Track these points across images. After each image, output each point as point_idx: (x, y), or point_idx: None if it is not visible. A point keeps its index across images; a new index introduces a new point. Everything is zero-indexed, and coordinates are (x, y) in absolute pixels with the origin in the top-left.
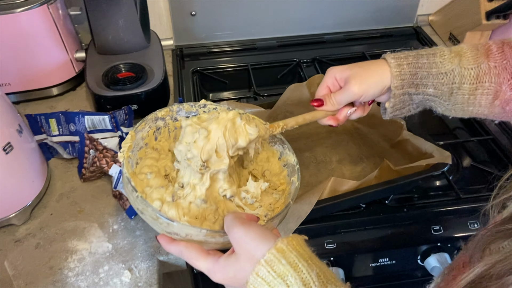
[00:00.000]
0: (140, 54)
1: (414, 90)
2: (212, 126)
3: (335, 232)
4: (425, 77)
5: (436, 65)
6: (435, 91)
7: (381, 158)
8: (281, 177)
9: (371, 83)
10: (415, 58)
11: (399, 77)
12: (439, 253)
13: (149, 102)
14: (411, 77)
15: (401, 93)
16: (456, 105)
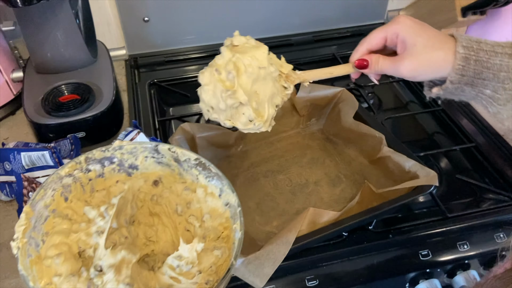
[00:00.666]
0: (86, 71)
1: (470, 88)
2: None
3: (317, 265)
4: (490, 78)
5: (508, 68)
6: (493, 94)
7: (360, 176)
8: (223, 219)
9: (426, 71)
10: (488, 55)
11: (460, 72)
12: (429, 280)
13: (99, 127)
14: (474, 75)
15: (455, 87)
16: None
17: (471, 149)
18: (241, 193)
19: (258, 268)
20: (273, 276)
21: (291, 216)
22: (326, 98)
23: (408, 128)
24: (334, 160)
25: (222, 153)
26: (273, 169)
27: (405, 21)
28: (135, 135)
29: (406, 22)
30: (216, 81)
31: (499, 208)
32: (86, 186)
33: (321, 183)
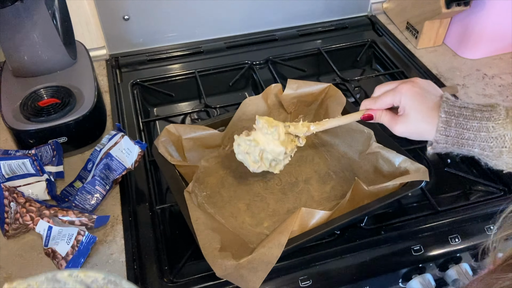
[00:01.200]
0: (66, 73)
1: (457, 148)
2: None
3: (309, 265)
4: (472, 138)
5: (487, 129)
6: (481, 151)
7: (350, 172)
8: None
9: (413, 136)
10: (466, 119)
11: (443, 132)
12: (422, 275)
13: (81, 131)
14: (457, 136)
15: (442, 147)
16: (508, 164)
17: None
18: (231, 194)
19: (251, 272)
20: (266, 278)
21: (282, 216)
22: (313, 95)
23: None
24: (323, 157)
25: (210, 153)
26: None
27: (408, 93)
28: (119, 139)
29: (408, 94)
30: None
31: (488, 200)
32: None
33: (311, 181)
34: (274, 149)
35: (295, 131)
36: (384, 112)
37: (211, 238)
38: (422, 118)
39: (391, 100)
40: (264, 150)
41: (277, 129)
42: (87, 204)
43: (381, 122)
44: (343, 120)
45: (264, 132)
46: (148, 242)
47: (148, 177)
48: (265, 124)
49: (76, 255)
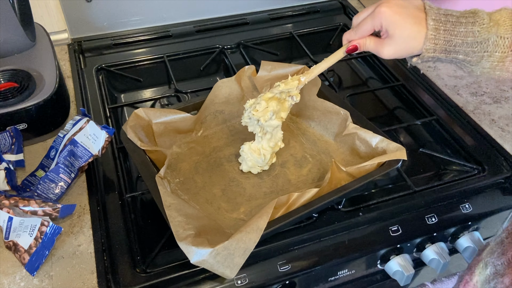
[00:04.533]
0: (24, 56)
1: (444, 56)
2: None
3: (288, 250)
4: (459, 44)
5: (474, 34)
6: (464, 57)
7: (326, 155)
8: None
9: (402, 54)
10: (453, 25)
11: (433, 41)
12: (400, 255)
13: (43, 117)
14: (445, 43)
15: (431, 56)
16: (483, 69)
17: (432, 122)
18: (205, 180)
19: (227, 258)
20: (243, 264)
21: (259, 201)
22: (287, 76)
23: (370, 104)
24: (299, 140)
25: (182, 139)
26: (236, 153)
27: (386, 14)
28: (84, 124)
29: (386, 15)
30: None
31: (462, 179)
32: None
33: (287, 164)
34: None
35: (286, 87)
36: (368, 39)
37: (185, 224)
38: (409, 34)
39: (371, 25)
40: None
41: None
42: (51, 194)
43: (367, 50)
44: (330, 61)
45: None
46: (119, 232)
47: (117, 165)
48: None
49: (40, 247)
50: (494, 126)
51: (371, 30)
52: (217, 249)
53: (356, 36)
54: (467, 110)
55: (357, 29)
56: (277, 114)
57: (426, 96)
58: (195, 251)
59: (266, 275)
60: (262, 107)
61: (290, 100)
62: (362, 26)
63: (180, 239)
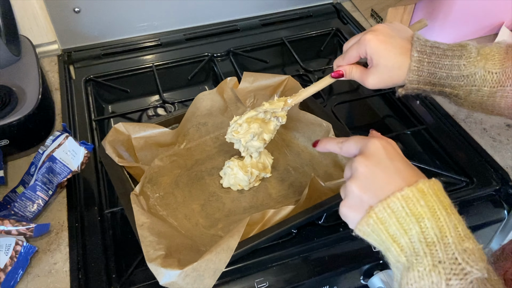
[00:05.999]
0: (7, 71)
1: (430, 88)
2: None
3: (266, 267)
4: (444, 78)
5: (459, 67)
6: (452, 91)
7: (310, 168)
8: None
9: (387, 85)
10: (438, 58)
11: (416, 72)
12: (384, 271)
13: (25, 132)
14: (429, 76)
15: (415, 88)
16: (474, 104)
17: (422, 131)
18: (185, 194)
19: (197, 279)
20: (219, 282)
21: (238, 216)
22: (270, 87)
23: (360, 112)
24: (283, 152)
25: (164, 152)
26: (218, 166)
27: (371, 42)
28: (63, 140)
29: (371, 44)
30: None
31: (451, 191)
32: None
33: (270, 178)
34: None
35: (271, 107)
36: (354, 67)
37: (156, 244)
38: (393, 65)
39: (356, 52)
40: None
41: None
42: (27, 212)
43: (352, 78)
44: (318, 85)
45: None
46: (96, 249)
47: (99, 179)
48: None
49: (14, 266)
50: (485, 136)
51: (357, 57)
52: (186, 270)
53: (344, 62)
54: (458, 119)
55: (344, 55)
56: (259, 135)
57: (417, 104)
58: (164, 273)
59: None
60: (244, 129)
61: (275, 121)
62: (348, 52)
63: (150, 260)
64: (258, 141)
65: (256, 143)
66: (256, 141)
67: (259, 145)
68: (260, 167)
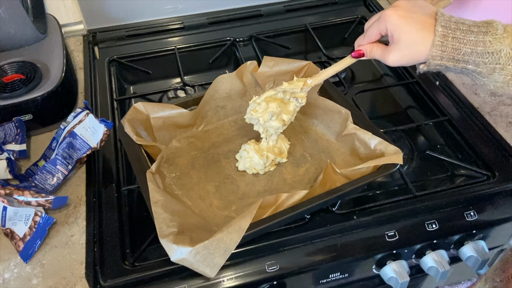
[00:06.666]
0: (34, 48)
1: (452, 64)
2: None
3: (277, 250)
4: (468, 54)
5: (484, 43)
6: (475, 68)
7: (326, 155)
8: None
9: (408, 62)
10: (463, 33)
11: (440, 48)
12: (396, 261)
13: (48, 108)
14: (453, 51)
15: (438, 64)
16: (496, 83)
17: (444, 123)
18: (200, 175)
19: (207, 258)
20: (230, 263)
21: (251, 199)
22: (291, 73)
23: (382, 102)
24: (300, 138)
25: (182, 133)
26: (235, 149)
27: (391, 18)
28: (84, 117)
29: (392, 19)
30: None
31: (469, 184)
32: None
33: (285, 163)
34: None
35: (290, 87)
36: (374, 45)
37: (169, 221)
38: (414, 40)
39: (377, 30)
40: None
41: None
42: (47, 184)
43: (374, 57)
44: (338, 66)
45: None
46: (112, 224)
47: (117, 157)
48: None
49: (33, 236)
50: (511, 129)
51: (377, 35)
52: (197, 248)
53: (364, 41)
54: (483, 112)
55: (365, 34)
56: (278, 116)
57: (441, 95)
58: (176, 249)
59: (253, 275)
60: (262, 108)
61: (295, 102)
62: (369, 30)
63: (162, 236)
64: (276, 121)
65: (275, 123)
66: (275, 121)
67: (278, 126)
68: (276, 151)
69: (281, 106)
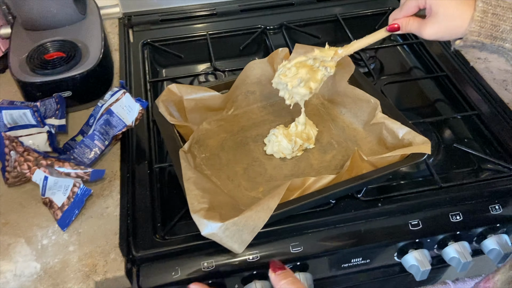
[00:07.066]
0: (74, 28)
1: (490, 41)
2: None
3: (302, 233)
4: (507, 31)
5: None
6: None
7: (353, 143)
8: None
9: (444, 36)
10: (504, 10)
11: (479, 23)
12: (418, 250)
13: (86, 86)
14: (492, 28)
15: (474, 40)
16: None
17: (473, 117)
18: (229, 157)
19: (236, 234)
20: (256, 242)
21: (278, 182)
22: None
23: (410, 94)
24: (328, 126)
25: (212, 116)
26: (263, 134)
27: None
28: (121, 95)
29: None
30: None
31: (495, 178)
32: None
33: (312, 149)
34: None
35: (321, 54)
36: (411, 19)
37: (200, 198)
38: (452, 13)
39: (415, 3)
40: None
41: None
42: (85, 158)
43: (409, 31)
44: (371, 38)
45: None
46: (144, 199)
47: (150, 136)
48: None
49: (71, 206)
50: None
51: (415, 8)
52: (227, 224)
53: (400, 14)
54: None
55: (402, 7)
56: (306, 82)
57: (470, 90)
58: (206, 224)
59: (278, 254)
60: (292, 73)
61: (323, 71)
62: (406, 3)
63: (194, 211)
64: (304, 88)
65: (302, 90)
66: (303, 87)
67: (305, 93)
68: (304, 137)
69: (310, 73)
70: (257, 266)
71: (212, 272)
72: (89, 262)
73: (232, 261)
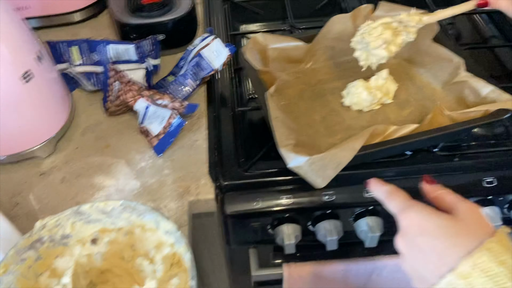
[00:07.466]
0: None
1: None
2: None
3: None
4: None
5: None
6: None
7: (430, 102)
8: (169, 247)
9: None
10: None
11: None
12: (490, 207)
13: (176, 32)
14: None
15: None
16: None
17: None
18: (307, 106)
19: (321, 168)
20: (333, 184)
21: (356, 132)
22: None
23: (486, 63)
24: (405, 84)
25: (291, 68)
26: (340, 87)
27: None
28: (211, 41)
29: None
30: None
31: None
32: (28, 275)
33: (389, 104)
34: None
35: (407, 18)
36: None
37: (287, 134)
38: None
39: None
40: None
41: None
42: (179, 94)
43: (499, 7)
44: (457, 9)
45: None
46: (228, 136)
47: (232, 84)
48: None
49: (167, 134)
50: None
51: None
52: (313, 158)
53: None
54: None
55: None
56: (388, 45)
57: None
58: (293, 157)
59: (351, 198)
60: (377, 33)
61: (404, 36)
62: None
63: (282, 145)
64: (385, 50)
65: (383, 51)
66: (384, 49)
67: (384, 55)
68: (384, 91)
69: (393, 36)
70: (330, 207)
71: (288, 208)
72: (183, 184)
73: (310, 199)
